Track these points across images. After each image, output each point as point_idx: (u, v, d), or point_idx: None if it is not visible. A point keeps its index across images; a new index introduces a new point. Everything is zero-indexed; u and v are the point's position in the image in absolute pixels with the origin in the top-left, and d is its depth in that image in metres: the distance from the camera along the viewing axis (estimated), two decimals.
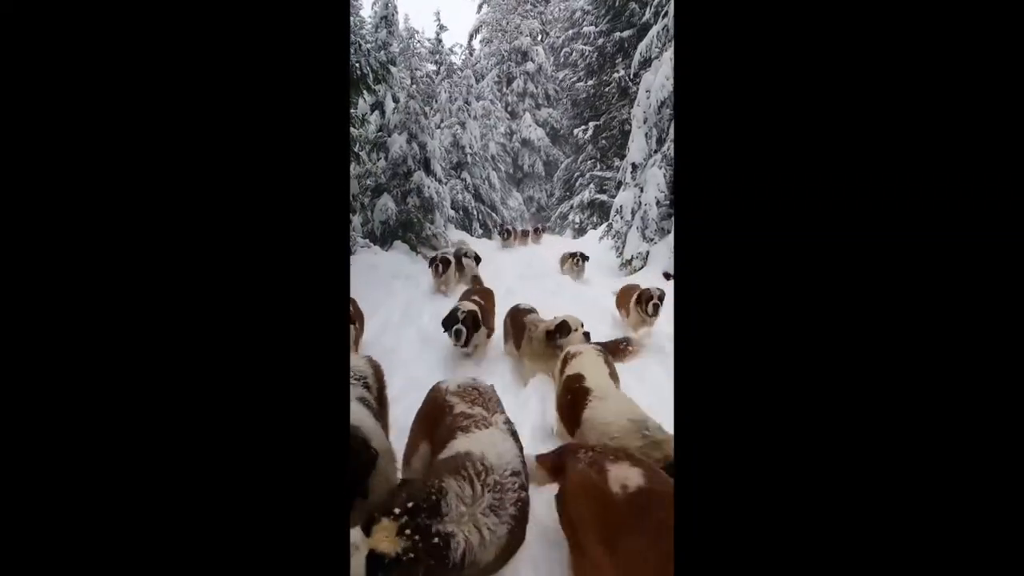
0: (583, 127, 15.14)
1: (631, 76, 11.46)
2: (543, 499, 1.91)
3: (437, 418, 1.90)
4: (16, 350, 0.79)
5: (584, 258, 7.77)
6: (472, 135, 14.63)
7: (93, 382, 0.81)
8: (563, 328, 3.31)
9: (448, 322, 3.70)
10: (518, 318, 3.76)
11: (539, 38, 23.92)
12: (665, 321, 4.23)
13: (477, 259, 7.13)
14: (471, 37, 25.88)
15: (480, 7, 25.55)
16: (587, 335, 3.30)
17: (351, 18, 8.70)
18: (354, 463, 1.53)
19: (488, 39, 25.02)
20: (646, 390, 2.93)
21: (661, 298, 4.31)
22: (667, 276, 6.78)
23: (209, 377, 0.84)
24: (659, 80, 7.88)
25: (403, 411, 2.87)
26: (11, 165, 0.80)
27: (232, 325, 0.86)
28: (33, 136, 0.81)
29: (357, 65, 7.41)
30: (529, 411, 2.97)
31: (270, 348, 0.87)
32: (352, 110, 8.13)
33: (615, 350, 3.27)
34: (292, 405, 0.87)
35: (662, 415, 2.14)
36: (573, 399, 2.39)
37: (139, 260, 0.84)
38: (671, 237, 7.28)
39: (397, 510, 1.26)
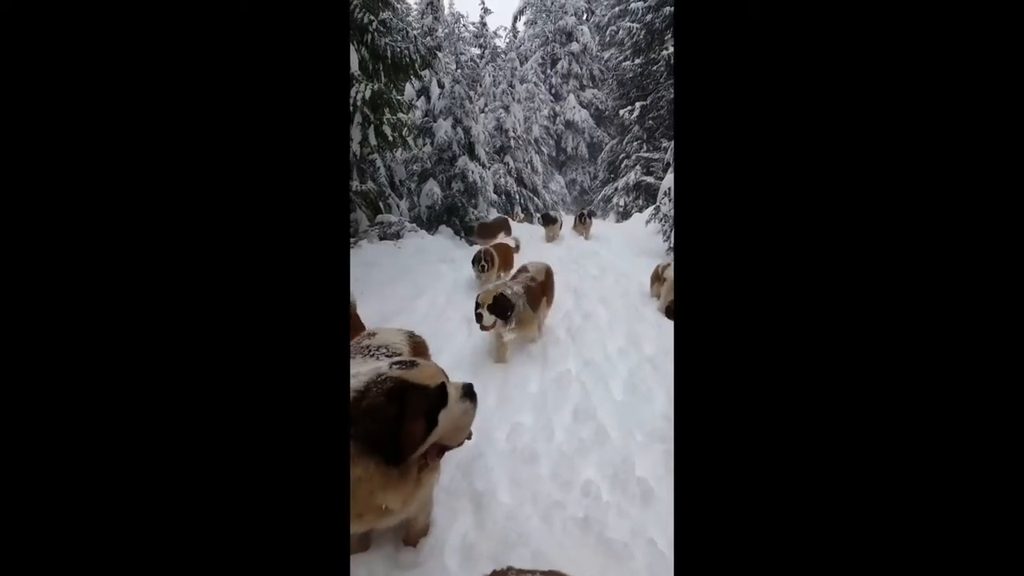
0: (629, 108, 14.77)
1: None
2: None
3: None
4: (10, 344, 0.78)
5: None
6: (516, 118, 14.57)
7: (88, 375, 0.80)
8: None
9: (474, 259, 5.94)
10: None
11: (584, 17, 23.37)
12: None
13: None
14: (515, 19, 25.61)
15: None
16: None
17: (398, 5, 8.81)
18: (425, 402, 1.45)
19: (532, 20, 24.67)
20: None
21: None
22: None
23: (206, 373, 0.84)
24: None
25: None
26: (8, 163, 0.80)
27: (230, 321, 0.85)
28: (24, 124, 0.80)
29: (405, 52, 7.56)
30: None
31: (269, 344, 0.86)
32: (399, 96, 8.29)
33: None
34: (291, 401, 0.86)
35: None
36: None
37: (137, 254, 0.83)
38: None
39: None
